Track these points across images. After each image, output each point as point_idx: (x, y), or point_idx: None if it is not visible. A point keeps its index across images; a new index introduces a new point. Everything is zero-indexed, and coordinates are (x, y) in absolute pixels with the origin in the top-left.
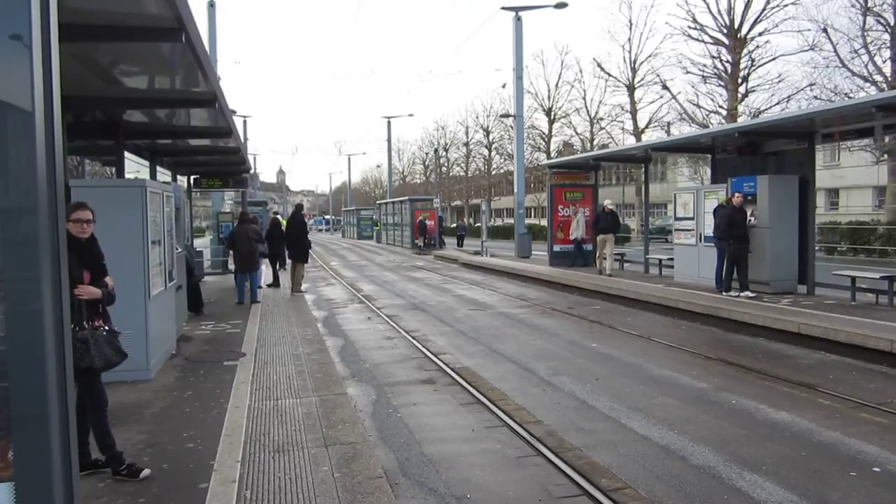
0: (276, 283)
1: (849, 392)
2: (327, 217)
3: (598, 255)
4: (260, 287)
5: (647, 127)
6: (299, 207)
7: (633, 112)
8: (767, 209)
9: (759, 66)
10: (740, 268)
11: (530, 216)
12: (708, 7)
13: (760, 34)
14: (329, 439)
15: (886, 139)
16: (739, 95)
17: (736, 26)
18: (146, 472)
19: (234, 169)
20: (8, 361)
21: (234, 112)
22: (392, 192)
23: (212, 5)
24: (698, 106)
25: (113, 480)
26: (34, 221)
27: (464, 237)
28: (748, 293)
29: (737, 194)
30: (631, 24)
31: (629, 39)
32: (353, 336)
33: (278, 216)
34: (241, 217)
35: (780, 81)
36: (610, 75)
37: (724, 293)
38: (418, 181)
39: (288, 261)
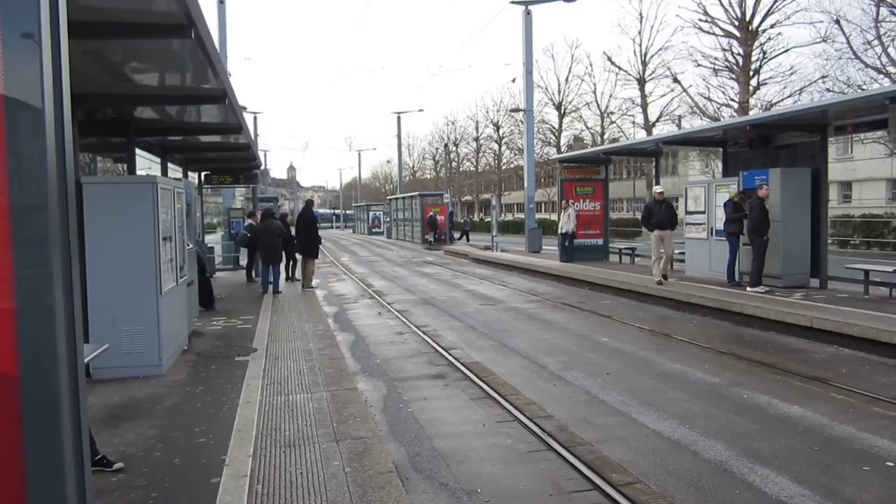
0: (292, 278)
1: (862, 386)
2: (338, 212)
3: (654, 258)
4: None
5: (657, 121)
6: (310, 203)
7: (644, 106)
8: (780, 202)
9: (770, 59)
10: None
11: (541, 211)
12: None
13: (772, 26)
14: (340, 434)
15: None
16: (751, 88)
17: (747, 18)
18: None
19: (245, 165)
20: (21, 357)
21: (244, 108)
22: (402, 187)
23: (221, 1)
24: (709, 99)
25: (126, 476)
26: (45, 218)
27: (468, 232)
28: (761, 287)
29: (765, 186)
30: (641, 16)
31: (639, 32)
32: (363, 331)
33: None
34: (264, 213)
35: (792, 74)
36: (620, 69)
37: (751, 289)
38: (428, 176)
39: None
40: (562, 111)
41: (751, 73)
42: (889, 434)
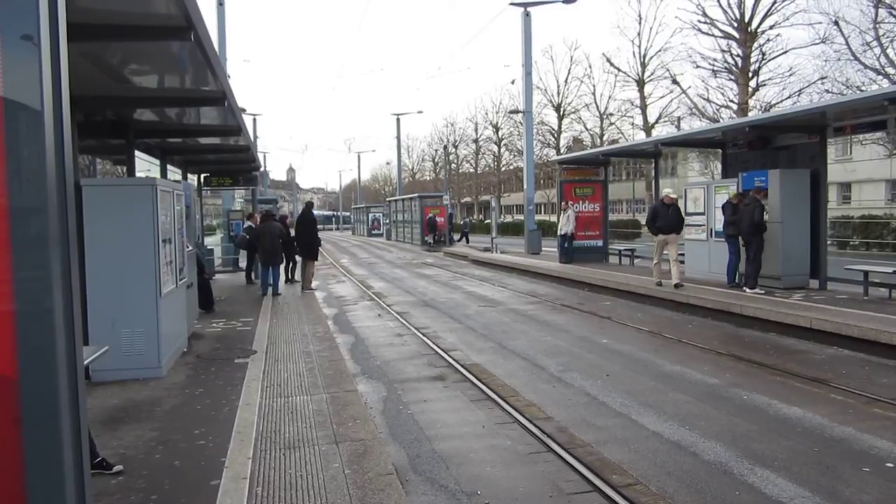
0: (291, 280)
1: (861, 387)
2: (337, 214)
3: (655, 261)
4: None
5: (657, 122)
6: (309, 205)
7: (643, 107)
8: (779, 204)
9: (769, 60)
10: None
11: (540, 212)
12: (718, 1)
13: (771, 27)
14: (339, 436)
15: None
16: (750, 89)
17: (746, 20)
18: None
19: (244, 167)
20: (20, 359)
21: (243, 110)
22: (402, 189)
23: (221, 4)
24: (708, 100)
25: (126, 478)
26: (45, 221)
27: (468, 234)
28: (759, 289)
29: (762, 192)
30: (640, 18)
31: (638, 34)
32: (363, 333)
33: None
34: (264, 215)
35: (791, 75)
36: (619, 70)
37: (749, 291)
38: (428, 178)
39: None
40: (561, 113)
41: (750, 75)
42: (889, 435)
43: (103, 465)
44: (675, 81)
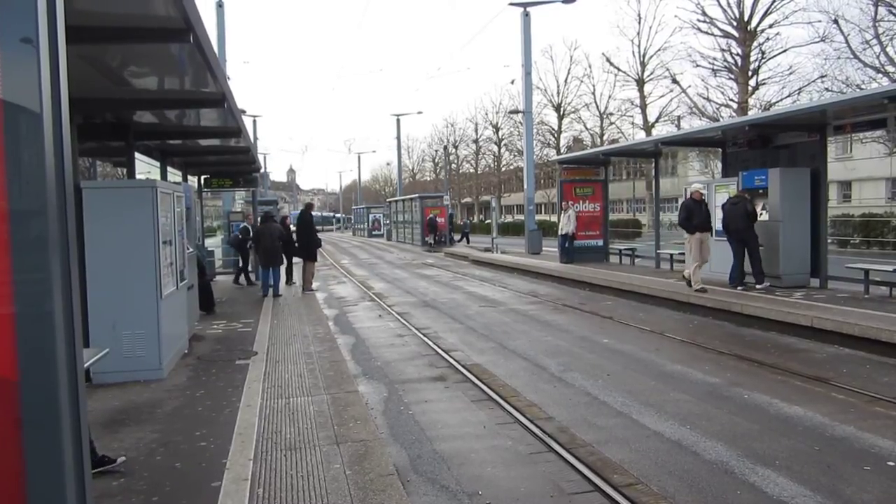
0: (290, 281)
1: (862, 386)
2: (338, 215)
3: (694, 263)
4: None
5: (656, 121)
6: (309, 207)
7: (643, 106)
8: (779, 202)
9: (769, 59)
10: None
11: (540, 212)
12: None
13: (770, 26)
14: (340, 437)
15: None
16: (750, 88)
17: (746, 18)
18: None
19: (244, 168)
20: (20, 361)
21: (243, 112)
22: (402, 189)
23: (220, 5)
24: (708, 100)
25: (127, 479)
26: (44, 223)
27: (468, 234)
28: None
29: (747, 193)
30: (640, 17)
31: (638, 33)
32: (364, 334)
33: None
34: (264, 216)
35: (790, 73)
36: (619, 70)
37: (759, 286)
38: (428, 178)
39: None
40: (561, 112)
41: (749, 74)
42: (890, 434)
43: (105, 462)
44: (674, 81)
